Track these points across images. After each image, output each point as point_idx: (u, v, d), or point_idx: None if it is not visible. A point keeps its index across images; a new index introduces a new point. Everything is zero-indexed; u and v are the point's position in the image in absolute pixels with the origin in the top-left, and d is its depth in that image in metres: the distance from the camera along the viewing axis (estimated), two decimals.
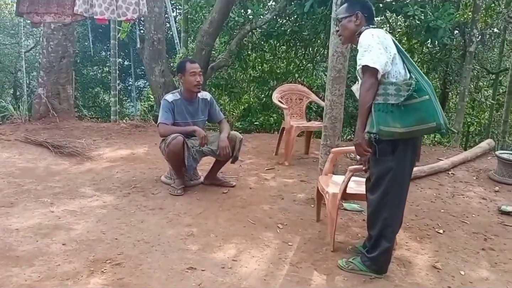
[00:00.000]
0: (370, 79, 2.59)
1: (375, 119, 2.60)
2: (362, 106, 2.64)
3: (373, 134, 2.61)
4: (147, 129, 6.93)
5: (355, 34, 2.83)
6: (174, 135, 3.99)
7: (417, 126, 2.56)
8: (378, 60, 2.56)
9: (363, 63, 2.59)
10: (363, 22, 2.81)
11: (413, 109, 2.54)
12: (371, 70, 2.57)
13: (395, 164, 2.70)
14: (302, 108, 5.76)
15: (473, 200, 4.51)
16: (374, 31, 2.68)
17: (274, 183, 4.68)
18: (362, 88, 2.63)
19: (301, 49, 10.28)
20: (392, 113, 2.56)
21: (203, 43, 7.23)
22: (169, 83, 7.55)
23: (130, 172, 4.81)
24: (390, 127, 2.56)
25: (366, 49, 2.61)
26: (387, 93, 2.58)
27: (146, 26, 7.39)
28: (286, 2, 7.91)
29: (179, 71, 4.24)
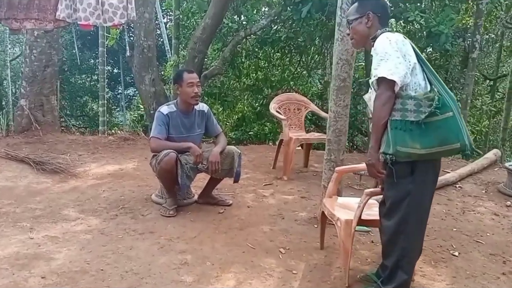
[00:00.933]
0: (387, 92, 2.30)
1: (391, 138, 2.31)
2: (376, 123, 2.36)
3: (389, 155, 2.32)
4: (137, 142, 6.58)
5: (367, 37, 2.56)
6: (166, 151, 3.66)
7: (439, 147, 2.28)
8: (397, 71, 2.27)
9: (380, 74, 2.29)
10: (375, 23, 2.53)
11: (435, 127, 2.26)
12: (387, 82, 2.29)
13: (414, 187, 2.38)
14: (301, 118, 5.46)
15: (485, 217, 4.22)
16: (391, 36, 2.38)
17: (273, 201, 4.36)
18: (377, 102, 2.34)
19: (296, 56, 10.02)
20: (411, 132, 2.27)
21: (196, 50, 6.93)
22: (160, 92, 7.24)
23: (118, 190, 4.46)
24: (409, 147, 2.28)
25: (382, 57, 2.31)
26: (406, 108, 2.28)
27: (136, 32, 7.08)
28: (281, 8, 7.64)
29: (176, 81, 3.93)
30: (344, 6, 3.62)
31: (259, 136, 10.74)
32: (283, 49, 9.54)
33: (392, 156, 2.31)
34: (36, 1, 5.06)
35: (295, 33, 8.86)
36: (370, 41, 2.52)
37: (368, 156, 2.45)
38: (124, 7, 5.10)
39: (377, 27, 2.51)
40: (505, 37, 12.22)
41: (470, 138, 2.32)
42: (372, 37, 2.50)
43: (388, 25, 2.62)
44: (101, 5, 5.04)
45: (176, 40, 8.76)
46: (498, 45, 12.12)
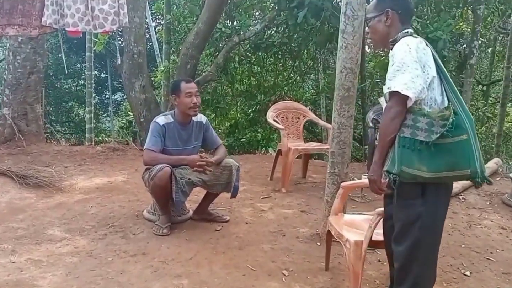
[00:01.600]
0: (397, 107, 2.10)
1: (397, 156, 2.11)
2: (383, 138, 2.16)
3: (393, 175, 2.12)
4: (126, 152, 6.29)
5: (387, 37, 2.32)
6: (160, 166, 3.41)
7: (447, 172, 2.08)
8: (412, 86, 2.06)
9: (394, 87, 2.08)
10: (395, 22, 2.30)
11: (445, 150, 2.06)
12: (400, 96, 2.07)
13: (426, 209, 2.17)
14: (299, 127, 5.24)
15: (492, 231, 4.03)
16: (412, 42, 2.14)
17: (272, 216, 4.13)
18: (385, 115, 2.14)
19: (290, 61, 9.83)
20: (419, 152, 2.08)
21: (188, 56, 6.68)
22: (150, 99, 6.98)
23: (107, 206, 4.19)
24: (415, 169, 2.08)
25: (399, 67, 2.09)
26: (417, 126, 2.08)
27: (125, 37, 6.81)
28: (276, 13, 7.44)
29: (173, 92, 3.68)
30: (349, 12, 3.41)
31: (251, 143, 10.54)
32: (276, 54, 9.34)
33: (396, 176, 2.11)
34: (20, 6, 4.75)
35: (289, 38, 8.68)
36: (389, 43, 2.28)
37: (370, 171, 2.23)
38: (116, 12, 4.81)
39: (397, 27, 2.29)
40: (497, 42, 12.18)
41: (483, 165, 2.11)
42: (391, 40, 2.27)
43: (410, 24, 2.40)
44: (91, 10, 4.75)
45: (167, 45, 8.53)
46: (490, 50, 12.08)
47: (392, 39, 2.25)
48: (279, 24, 8.25)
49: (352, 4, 3.38)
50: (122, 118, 14.57)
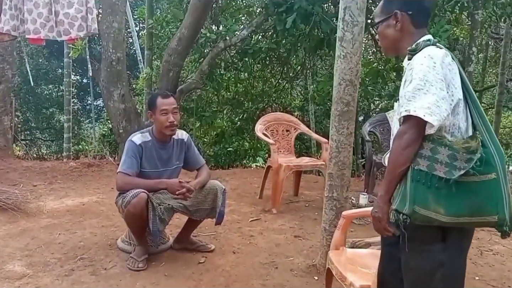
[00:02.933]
0: (413, 133, 1.70)
1: (410, 193, 1.71)
2: (393, 169, 1.76)
3: (403, 215, 1.72)
4: (102, 168, 5.81)
5: (400, 43, 1.93)
6: (135, 192, 2.97)
7: (469, 217, 1.68)
8: (438, 111, 1.65)
9: (414, 112, 1.67)
10: (407, 25, 1.90)
11: (468, 190, 1.67)
12: (419, 121, 1.67)
13: (448, 256, 1.76)
14: (291, 141, 4.85)
15: (506, 259, 3.66)
16: (437, 55, 1.73)
17: (263, 242, 3.71)
18: (397, 142, 1.74)
19: (278, 67, 9.47)
20: (436, 191, 1.67)
21: (171, 63, 6.26)
22: (130, 109, 6.54)
23: (77, 233, 3.72)
24: (430, 210, 1.68)
25: (421, 86, 1.68)
26: (436, 158, 1.68)
27: (103, 43, 6.36)
28: (264, 17, 7.06)
29: (149, 107, 3.27)
30: (347, 18, 3.01)
31: (238, 153, 10.14)
32: (264, 61, 8.98)
33: (407, 217, 1.71)
34: None
35: (277, 43, 8.31)
36: (405, 50, 1.88)
37: (374, 207, 1.85)
38: (83, 17, 4.32)
39: (410, 31, 1.91)
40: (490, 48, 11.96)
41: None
42: (410, 49, 1.85)
43: (427, 26, 1.99)
44: (54, 15, 4.25)
45: (149, 51, 8.07)
46: (483, 55, 11.84)
47: (412, 48, 1.84)
48: (267, 29, 7.89)
49: (351, 9, 2.99)
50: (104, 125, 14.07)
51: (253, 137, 10.00)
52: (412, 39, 1.88)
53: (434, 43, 1.82)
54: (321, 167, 4.50)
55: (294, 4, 6.23)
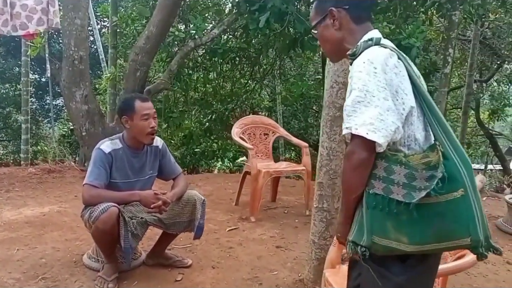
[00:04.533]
0: (361, 152, 1.44)
1: (366, 222, 1.48)
2: (347, 195, 1.55)
3: (361, 247, 1.49)
4: (64, 173, 5.39)
5: (343, 45, 1.66)
6: (104, 206, 2.65)
7: (436, 243, 1.45)
8: (382, 126, 1.41)
9: (355, 130, 1.42)
10: (346, 22, 1.66)
11: (433, 213, 1.42)
12: (365, 141, 1.42)
13: (407, 279, 1.51)
14: (268, 145, 4.61)
15: (499, 268, 3.53)
16: (377, 58, 1.47)
17: (243, 255, 3.45)
18: (346, 163, 1.50)
19: (248, 67, 9.23)
20: (396, 217, 1.44)
21: (138, 62, 5.89)
22: (94, 111, 6.11)
23: (37, 249, 3.34)
24: (391, 239, 1.45)
25: (360, 98, 1.43)
26: (391, 179, 1.44)
27: (65, 41, 5.92)
28: (235, 16, 6.79)
29: (124, 112, 2.90)
30: None
31: (206, 154, 9.86)
32: (233, 60, 8.73)
33: (365, 249, 1.49)
34: None
35: (247, 43, 8.09)
36: (347, 55, 1.61)
37: (336, 231, 1.69)
38: (44, 10, 3.88)
39: (351, 28, 1.66)
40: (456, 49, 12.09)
41: (487, 229, 1.45)
42: (350, 54, 1.58)
43: (371, 20, 1.73)
44: (10, 7, 3.80)
45: (113, 50, 7.71)
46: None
47: (351, 53, 1.58)
48: (237, 28, 7.64)
49: None
50: (64, 126, 13.50)
51: (222, 138, 9.74)
52: (354, 37, 1.64)
53: (378, 41, 1.55)
54: (301, 173, 4.29)
55: (267, 2, 6.01)
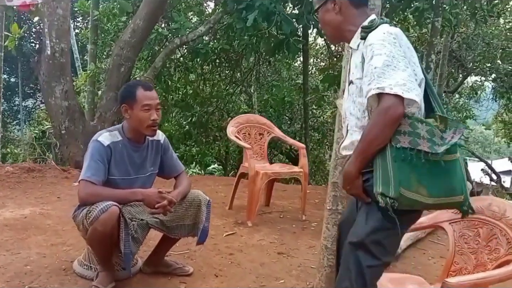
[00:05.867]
0: (399, 108, 1.61)
1: (393, 174, 1.63)
2: (370, 146, 1.68)
3: (390, 199, 1.63)
4: (44, 173, 5.01)
5: (342, 28, 1.90)
6: (104, 205, 2.38)
7: (444, 197, 1.66)
8: (413, 86, 1.62)
9: (390, 90, 1.59)
10: (347, 7, 1.87)
11: (443, 170, 1.63)
12: (400, 99, 1.60)
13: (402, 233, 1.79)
14: (263, 146, 4.40)
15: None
16: (394, 32, 1.71)
17: (245, 262, 3.22)
18: (379, 118, 1.63)
19: (229, 70, 9.05)
20: (418, 170, 1.62)
21: (123, 57, 5.64)
22: (74, 107, 5.82)
23: (20, 254, 3.01)
24: (413, 191, 1.62)
25: (388, 62, 1.63)
26: (417, 133, 1.62)
27: (46, 32, 5.60)
28: (222, 14, 6.60)
29: (124, 100, 2.63)
30: None
31: (185, 158, 9.59)
32: (214, 62, 8.54)
33: (394, 201, 1.62)
34: None
35: (230, 44, 7.90)
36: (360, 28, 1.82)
37: (347, 165, 1.79)
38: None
39: (351, 13, 1.87)
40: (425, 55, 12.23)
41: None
42: (365, 26, 1.80)
43: (368, 5, 1.99)
44: None
45: (93, 46, 7.40)
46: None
47: (366, 25, 1.79)
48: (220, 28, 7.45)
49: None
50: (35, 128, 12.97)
51: (201, 142, 9.49)
52: (354, 20, 1.85)
53: (387, 21, 1.79)
54: (299, 175, 4.10)
55: (255, 1, 5.85)
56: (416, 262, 3.48)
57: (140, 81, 3.78)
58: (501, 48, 6.47)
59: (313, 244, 3.63)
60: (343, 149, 1.96)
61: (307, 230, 3.98)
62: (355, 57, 1.83)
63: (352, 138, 1.87)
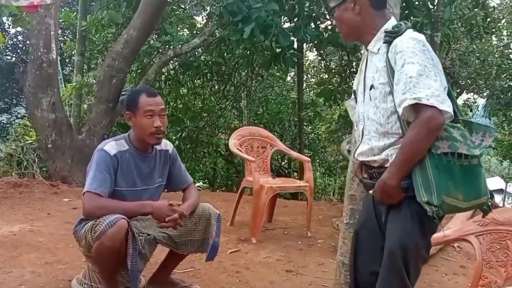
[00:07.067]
0: (440, 117, 1.60)
1: (435, 182, 1.62)
2: (414, 155, 1.64)
3: (434, 207, 1.61)
4: (32, 188, 4.73)
5: (360, 29, 1.84)
6: (112, 218, 2.18)
7: (474, 200, 1.67)
8: (445, 97, 1.63)
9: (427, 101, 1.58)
10: (366, 7, 1.81)
11: (473, 174, 1.66)
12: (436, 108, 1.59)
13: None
14: (266, 159, 4.23)
15: None
16: (422, 38, 1.70)
17: (254, 280, 3.03)
18: (423, 128, 1.60)
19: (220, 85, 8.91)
20: (453, 175, 1.62)
21: (115, 68, 5.44)
22: (62, 120, 5.59)
23: (13, 273, 2.75)
24: (452, 197, 1.63)
25: (421, 71, 1.62)
26: (454, 137, 1.62)
27: (32, 41, 5.40)
28: (217, 26, 6.49)
29: (127, 107, 2.46)
30: None
31: None
32: (206, 76, 8.39)
33: (438, 209, 1.62)
34: None
35: (223, 57, 7.78)
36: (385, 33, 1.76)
37: (387, 174, 1.68)
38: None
39: (371, 13, 1.82)
40: None
41: None
42: (391, 31, 1.74)
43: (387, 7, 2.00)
44: None
45: (81, 57, 7.20)
46: None
47: (392, 30, 1.74)
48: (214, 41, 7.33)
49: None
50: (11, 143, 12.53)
51: (191, 159, 9.27)
52: (373, 22, 1.82)
53: (410, 26, 1.76)
54: (304, 189, 3.94)
55: (251, 14, 5.76)
56: (430, 279, 3.35)
57: (145, 86, 3.61)
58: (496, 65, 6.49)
59: (322, 261, 3.47)
60: (359, 155, 1.88)
61: (314, 247, 3.81)
62: (376, 60, 1.78)
63: (371, 144, 1.81)
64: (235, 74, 8.52)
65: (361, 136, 1.88)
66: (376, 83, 1.76)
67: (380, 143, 1.76)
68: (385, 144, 1.75)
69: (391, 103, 1.71)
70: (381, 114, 1.75)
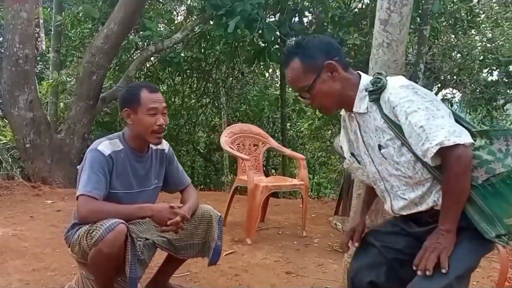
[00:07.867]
0: (467, 152, 1.56)
1: (490, 211, 1.59)
2: (462, 198, 1.59)
3: (505, 236, 1.60)
4: (13, 190, 4.49)
5: (343, 94, 1.75)
6: (110, 223, 2.02)
7: None
8: (461, 128, 1.59)
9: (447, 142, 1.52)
10: (340, 71, 1.73)
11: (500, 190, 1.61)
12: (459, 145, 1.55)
13: None
14: (258, 157, 4.10)
15: None
16: (404, 82, 1.68)
17: (254, 283, 2.91)
18: (458, 168, 1.55)
19: (200, 82, 8.73)
20: (504, 194, 1.60)
21: (95, 64, 5.22)
22: (40, 119, 5.34)
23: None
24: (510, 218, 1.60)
25: (427, 114, 1.57)
26: (486, 160, 1.59)
27: (8, 37, 5.13)
28: (199, 20, 6.32)
29: (127, 103, 2.28)
30: None
31: None
32: (185, 74, 8.21)
33: (509, 236, 1.61)
34: None
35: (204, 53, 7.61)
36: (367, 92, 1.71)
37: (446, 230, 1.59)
38: None
39: (345, 75, 1.75)
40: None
41: None
42: (372, 90, 1.69)
43: None
44: None
45: (56, 54, 6.88)
46: None
47: (373, 88, 1.69)
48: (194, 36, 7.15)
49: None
50: None
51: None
52: (349, 83, 1.75)
53: (386, 76, 1.73)
54: (300, 188, 3.84)
55: (235, 7, 5.61)
56: None
57: (143, 82, 3.43)
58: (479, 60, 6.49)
59: (321, 262, 3.37)
60: (401, 210, 1.78)
61: (311, 247, 3.71)
62: (370, 120, 1.71)
63: (409, 196, 1.73)
64: (216, 71, 8.35)
65: (387, 192, 1.80)
66: (383, 141, 1.69)
67: (418, 192, 1.70)
68: (423, 191, 1.69)
69: (408, 153, 1.66)
70: (405, 168, 1.69)
